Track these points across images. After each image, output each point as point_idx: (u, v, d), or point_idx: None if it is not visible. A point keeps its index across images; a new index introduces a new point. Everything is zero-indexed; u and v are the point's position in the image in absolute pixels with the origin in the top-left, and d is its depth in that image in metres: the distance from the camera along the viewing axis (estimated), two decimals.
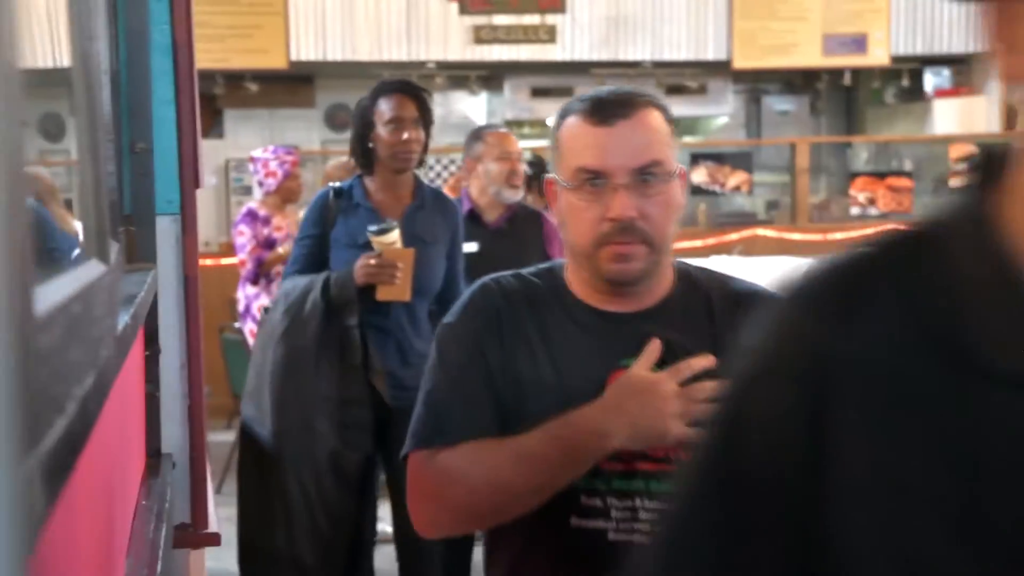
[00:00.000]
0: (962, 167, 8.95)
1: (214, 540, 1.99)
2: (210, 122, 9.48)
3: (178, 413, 1.98)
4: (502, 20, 8.92)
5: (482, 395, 1.48)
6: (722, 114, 10.42)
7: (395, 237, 2.91)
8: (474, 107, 9.95)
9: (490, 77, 9.67)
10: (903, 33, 9.38)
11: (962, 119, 9.51)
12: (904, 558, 0.65)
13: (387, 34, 8.84)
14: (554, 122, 1.54)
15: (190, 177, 1.99)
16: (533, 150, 6.15)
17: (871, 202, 8.70)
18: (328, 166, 5.46)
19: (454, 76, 9.26)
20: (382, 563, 3.54)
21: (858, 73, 9.84)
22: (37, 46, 0.91)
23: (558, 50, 8.99)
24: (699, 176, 8.72)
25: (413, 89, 3.08)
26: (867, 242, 0.73)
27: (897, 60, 9.46)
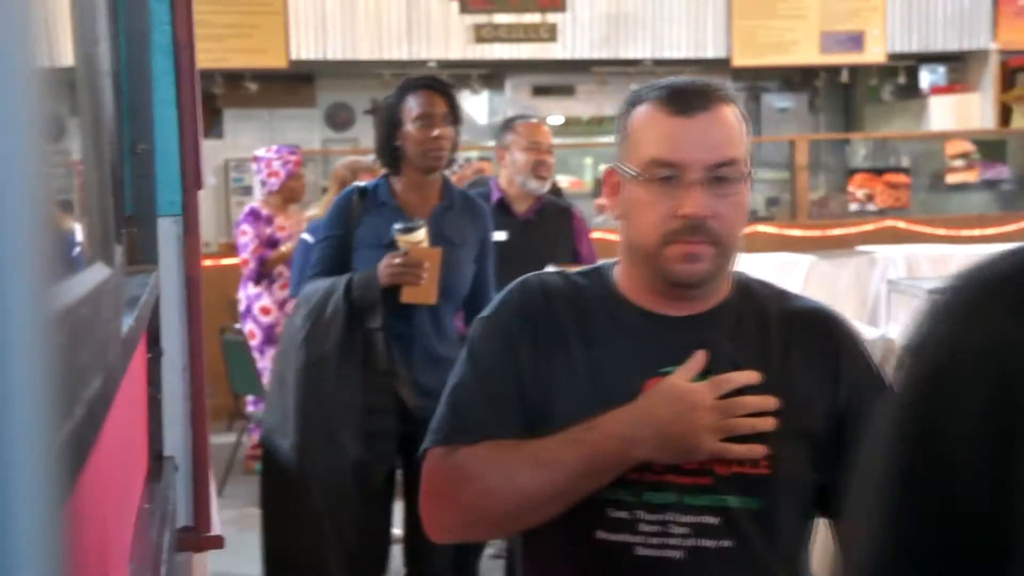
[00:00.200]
0: (958, 163, 8.95)
1: (217, 543, 1.98)
2: (210, 122, 9.46)
3: (180, 415, 1.97)
4: (503, 19, 8.91)
5: (508, 394, 1.40)
6: None
7: (422, 236, 2.77)
8: (475, 106, 9.93)
9: (491, 76, 9.66)
10: (899, 31, 9.37)
11: (957, 115, 9.51)
12: None
13: (387, 33, 8.82)
14: (622, 108, 1.45)
15: (191, 178, 1.98)
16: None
17: (869, 198, 8.69)
18: (339, 165, 5.29)
19: (455, 75, 9.24)
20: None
21: (855, 70, 9.83)
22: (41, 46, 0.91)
23: (559, 49, 8.98)
24: None
25: (442, 85, 2.96)
26: None
27: (893, 57, 9.46)
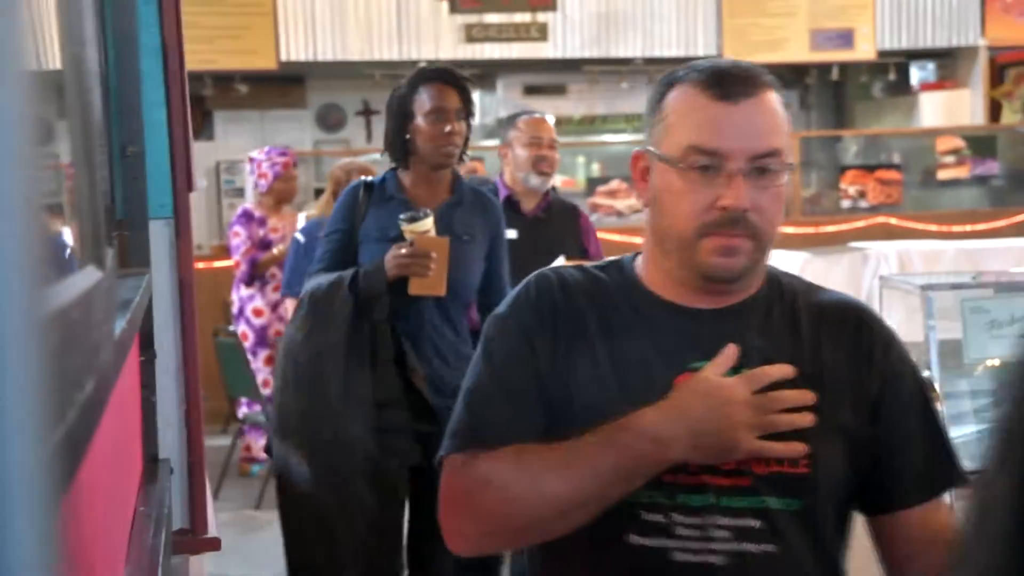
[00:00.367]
0: (949, 159, 8.97)
1: (213, 545, 1.98)
2: (200, 124, 9.45)
3: (175, 418, 1.97)
4: (493, 18, 8.91)
5: (529, 394, 1.33)
6: None
7: (428, 225, 2.68)
8: None
9: (482, 76, 9.66)
10: (888, 28, 9.39)
11: (947, 112, 9.54)
12: None
13: (378, 33, 8.82)
14: (656, 89, 1.36)
15: (183, 180, 1.98)
16: None
17: (861, 195, 8.71)
18: (335, 167, 5.20)
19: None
20: None
21: (846, 68, 9.85)
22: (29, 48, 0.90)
23: (550, 48, 8.98)
24: None
25: (456, 78, 2.84)
26: None
27: (883, 54, 9.48)
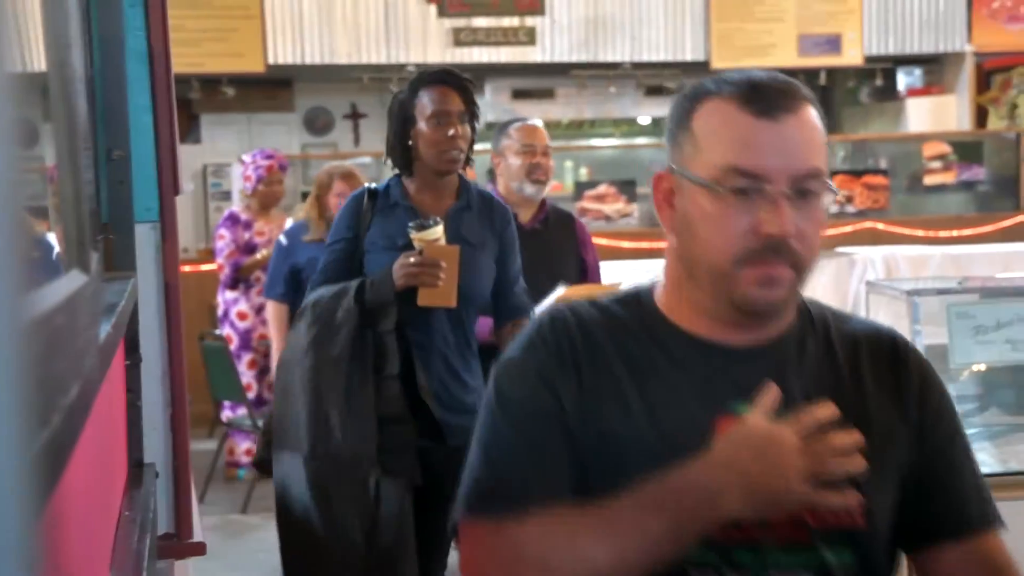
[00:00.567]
0: (935, 164, 9.02)
1: (199, 550, 1.98)
2: (187, 127, 9.43)
3: (160, 422, 1.97)
4: (481, 22, 8.92)
5: (556, 448, 1.21)
6: None
7: (439, 233, 2.59)
8: None
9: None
10: (876, 33, 9.44)
11: (934, 117, 9.59)
12: None
13: (366, 37, 8.81)
14: (680, 103, 1.25)
15: (169, 184, 1.97)
16: None
17: (848, 200, 8.75)
18: (321, 171, 5.00)
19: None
20: None
21: (833, 73, 9.89)
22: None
23: (538, 52, 8.99)
24: None
25: (458, 80, 2.78)
26: None
27: (870, 60, 9.52)
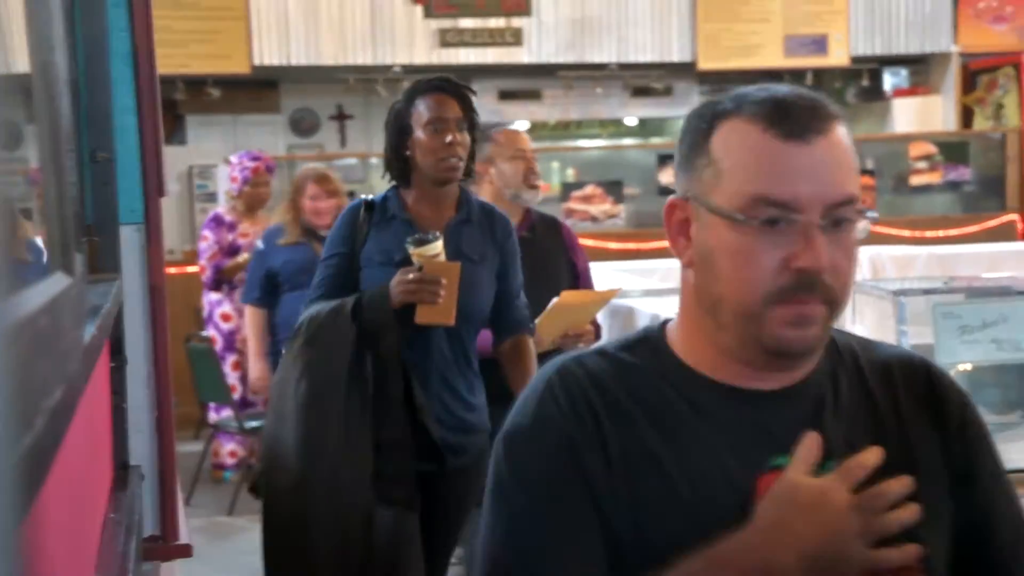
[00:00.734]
0: (921, 164, 9.06)
1: (185, 552, 1.97)
2: (172, 128, 9.40)
3: (146, 425, 1.96)
4: (467, 23, 8.92)
5: (588, 526, 1.07)
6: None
7: (438, 249, 2.51)
8: None
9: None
10: (862, 34, 9.48)
11: (920, 118, 9.63)
12: None
13: (352, 38, 8.80)
14: (695, 124, 1.12)
15: (153, 186, 1.97)
16: None
17: None
18: (304, 179, 4.86)
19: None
20: None
21: (819, 73, 9.92)
22: None
23: (524, 53, 9.00)
24: (667, 177, 8.76)
25: (455, 87, 2.68)
26: None
27: (856, 60, 9.56)
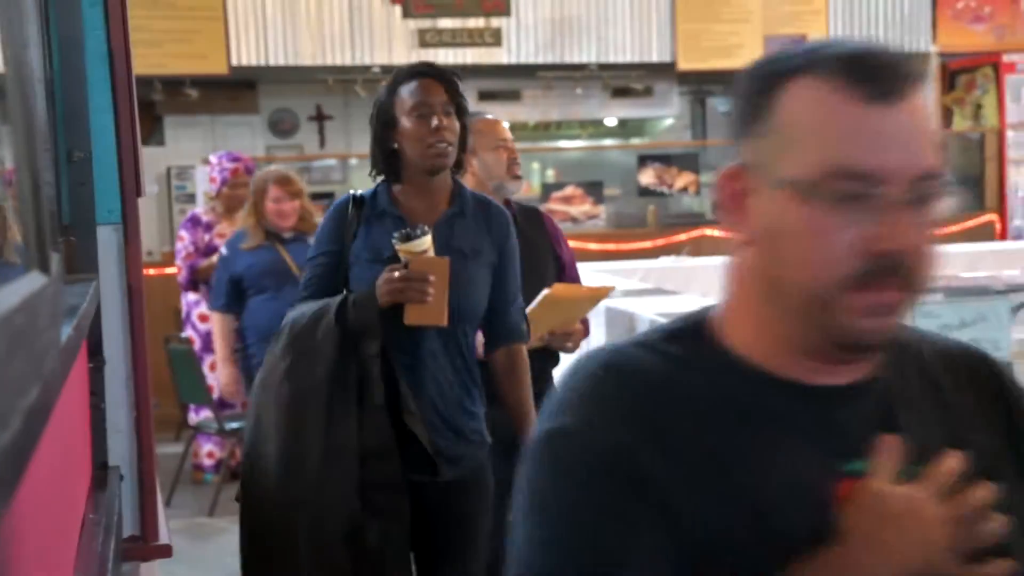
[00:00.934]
0: None
1: (165, 552, 1.97)
2: (150, 129, 9.36)
3: (125, 425, 1.96)
4: (447, 23, 8.92)
5: (655, 544, 0.91)
6: (668, 115, 10.50)
7: (426, 244, 2.36)
8: None
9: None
10: (841, 33, 9.53)
11: None
12: None
13: (330, 38, 8.79)
14: (755, 84, 0.97)
15: (131, 185, 1.96)
16: None
17: None
18: (265, 181, 4.73)
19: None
20: None
21: None
22: None
23: (503, 53, 9.00)
24: (647, 178, 8.79)
25: (439, 71, 2.52)
26: None
27: None
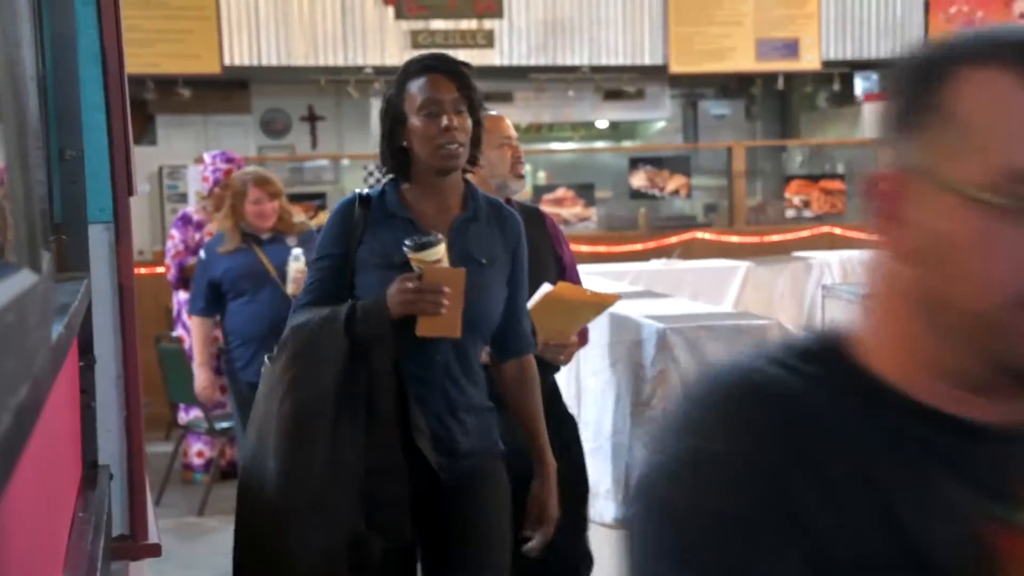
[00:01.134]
0: None
1: (154, 551, 1.97)
2: (142, 129, 9.35)
3: (115, 424, 1.96)
4: (439, 25, 8.92)
5: None
6: (660, 118, 10.52)
7: (440, 253, 2.24)
8: None
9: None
10: (833, 38, 9.56)
11: None
12: None
13: (323, 38, 8.79)
14: (915, 74, 0.86)
15: (123, 184, 1.96)
16: None
17: (806, 204, 8.85)
18: (234, 176, 4.78)
19: (392, 81, 9.23)
20: None
21: (791, 78, 10.00)
22: None
23: (496, 55, 9.01)
24: (639, 180, 8.80)
25: (449, 65, 2.40)
26: None
27: (828, 65, 9.64)
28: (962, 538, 0.82)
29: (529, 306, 2.58)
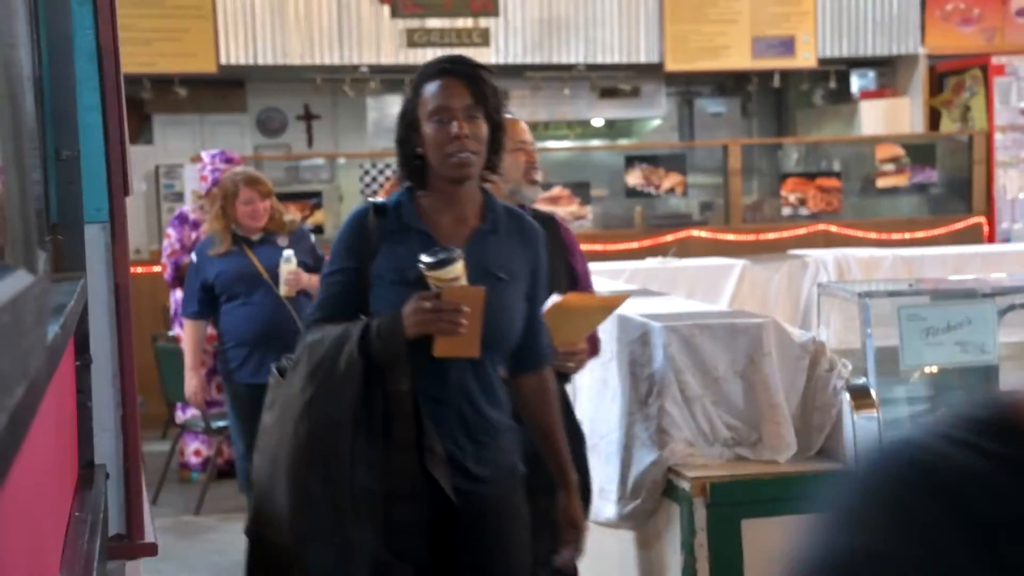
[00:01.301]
0: (888, 167, 9.16)
1: (150, 550, 1.97)
2: (138, 128, 9.34)
3: (111, 423, 1.96)
4: (435, 23, 8.92)
5: None
6: (655, 116, 10.52)
7: (458, 271, 2.17)
8: None
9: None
10: (829, 36, 9.56)
11: (887, 120, 9.73)
12: None
13: (319, 37, 8.78)
14: None
15: (119, 184, 1.96)
16: None
17: (802, 202, 8.87)
18: (235, 183, 4.71)
19: (388, 80, 9.24)
20: None
21: (787, 75, 10.01)
22: None
23: (492, 53, 9.01)
24: (634, 178, 8.81)
25: (463, 67, 2.28)
26: None
27: (824, 62, 9.65)
28: None
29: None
